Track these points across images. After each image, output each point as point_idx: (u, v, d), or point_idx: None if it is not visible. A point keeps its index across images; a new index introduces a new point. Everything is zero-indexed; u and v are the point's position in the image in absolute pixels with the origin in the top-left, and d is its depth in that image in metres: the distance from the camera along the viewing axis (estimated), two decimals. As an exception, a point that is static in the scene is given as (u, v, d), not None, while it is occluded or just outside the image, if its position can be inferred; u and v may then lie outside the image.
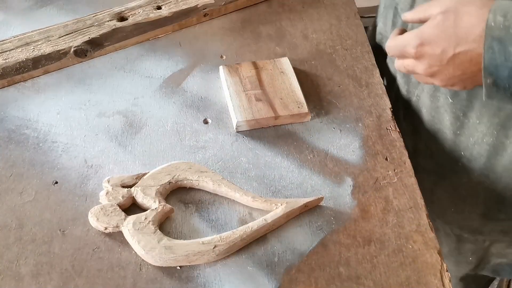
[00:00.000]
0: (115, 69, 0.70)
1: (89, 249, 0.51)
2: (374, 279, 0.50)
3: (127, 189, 0.54)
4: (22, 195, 0.55)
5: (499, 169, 0.67)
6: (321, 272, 0.51)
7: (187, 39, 0.75)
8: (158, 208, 0.53)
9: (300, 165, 0.60)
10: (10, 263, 0.49)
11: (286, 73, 0.69)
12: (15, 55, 0.66)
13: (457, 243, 0.80)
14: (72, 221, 0.53)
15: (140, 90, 0.67)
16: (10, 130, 0.61)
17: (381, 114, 0.66)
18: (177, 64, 0.71)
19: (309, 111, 0.64)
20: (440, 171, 0.73)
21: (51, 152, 0.59)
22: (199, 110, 0.65)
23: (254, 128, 0.63)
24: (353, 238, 0.53)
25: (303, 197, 0.56)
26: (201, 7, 0.76)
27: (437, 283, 0.50)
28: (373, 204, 0.57)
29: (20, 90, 0.66)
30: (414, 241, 0.54)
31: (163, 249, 0.49)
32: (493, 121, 0.63)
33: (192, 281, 0.49)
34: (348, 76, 0.71)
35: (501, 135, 0.64)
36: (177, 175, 0.56)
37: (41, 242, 0.51)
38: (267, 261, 0.51)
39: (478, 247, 0.81)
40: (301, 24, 0.79)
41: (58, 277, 0.49)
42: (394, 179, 0.59)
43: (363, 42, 0.76)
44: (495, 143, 0.65)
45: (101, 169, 0.58)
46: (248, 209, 0.55)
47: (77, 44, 0.68)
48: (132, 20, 0.72)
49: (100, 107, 0.64)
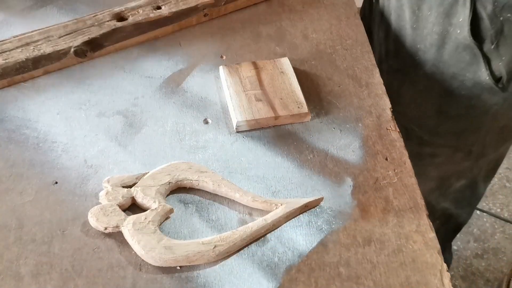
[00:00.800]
0: (115, 69, 0.70)
1: (89, 249, 0.51)
2: (374, 279, 0.50)
3: (127, 189, 0.54)
4: (22, 195, 0.55)
5: (446, 57, 0.76)
6: (321, 272, 0.51)
7: (187, 39, 0.75)
8: (158, 208, 0.53)
9: (300, 165, 0.60)
10: (10, 263, 0.49)
11: (286, 73, 0.69)
12: (15, 55, 0.66)
13: (418, 145, 0.88)
14: (72, 221, 0.53)
15: (140, 90, 0.67)
16: (10, 130, 0.61)
17: (381, 114, 0.66)
18: (177, 64, 0.71)
19: (309, 111, 0.64)
20: (404, 69, 0.83)
21: (51, 152, 0.59)
22: (199, 110, 0.65)
23: (254, 128, 0.63)
24: (353, 238, 0.53)
25: (303, 197, 0.56)
26: (201, 7, 0.76)
27: (437, 283, 0.50)
28: (373, 204, 0.57)
29: (20, 90, 0.66)
30: (414, 241, 0.54)
31: (163, 249, 0.49)
32: (439, 10, 0.73)
33: (192, 281, 0.49)
34: (348, 76, 0.71)
35: (446, 23, 0.74)
36: (177, 175, 0.56)
37: (41, 242, 0.51)
38: (267, 261, 0.51)
39: (436, 153, 0.89)
40: (301, 24, 0.79)
41: (58, 277, 0.49)
42: (394, 179, 0.59)
43: (363, 42, 0.76)
44: (441, 31, 0.75)
45: (101, 169, 0.58)
46: (248, 209, 0.55)
47: (77, 44, 0.68)
48: (132, 20, 0.72)
49: (100, 107, 0.64)
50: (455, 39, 0.74)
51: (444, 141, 0.88)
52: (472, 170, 0.94)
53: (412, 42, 0.79)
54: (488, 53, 0.74)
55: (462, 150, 0.89)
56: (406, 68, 0.82)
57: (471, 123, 0.84)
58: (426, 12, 0.75)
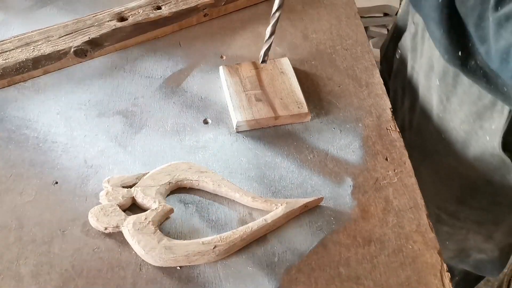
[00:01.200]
0: (115, 69, 0.70)
1: (89, 249, 0.51)
2: (374, 279, 0.50)
3: (127, 189, 0.54)
4: (22, 195, 0.55)
5: (471, 158, 0.68)
6: (321, 272, 0.51)
7: (187, 39, 0.75)
8: (158, 208, 0.52)
9: (300, 165, 0.60)
10: (10, 263, 0.49)
11: (286, 73, 0.69)
12: (15, 55, 0.66)
13: (435, 223, 0.81)
14: (72, 221, 0.53)
15: (140, 90, 0.67)
16: (10, 130, 0.61)
17: (381, 114, 0.66)
18: (177, 64, 0.71)
19: (309, 111, 0.64)
20: (425, 150, 0.75)
21: (51, 152, 0.59)
22: (199, 110, 0.65)
23: (254, 128, 0.63)
24: (353, 238, 0.53)
25: (303, 197, 0.56)
26: (201, 7, 0.76)
27: (437, 283, 0.50)
28: (373, 204, 0.57)
29: (20, 90, 0.66)
30: (414, 241, 0.54)
31: (163, 249, 0.49)
32: (472, 109, 0.64)
33: (192, 281, 0.49)
34: (348, 76, 0.71)
35: (476, 125, 0.65)
36: (177, 175, 0.56)
37: (41, 242, 0.51)
38: (267, 261, 0.51)
39: (455, 232, 0.83)
40: (301, 24, 0.79)
41: (58, 277, 0.49)
42: (394, 179, 0.59)
43: (363, 42, 0.76)
44: (470, 131, 0.66)
45: (101, 169, 0.58)
46: (248, 209, 0.55)
47: (77, 44, 0.68)
48: (132, 20, 0.72)
49: (100, 107, 0.64)
50: (483, 144, 0.66)
51: (463, 225, 0.82)
52: (493, 251, 0.87)
53: (437, 129, 0.72)
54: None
55: (483, 235, 0.83)
56: (428, 150, 0.75)
57: (494, 216, 0.78)
58: (455, 105, 0.67)
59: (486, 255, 0.88)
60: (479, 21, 0.48)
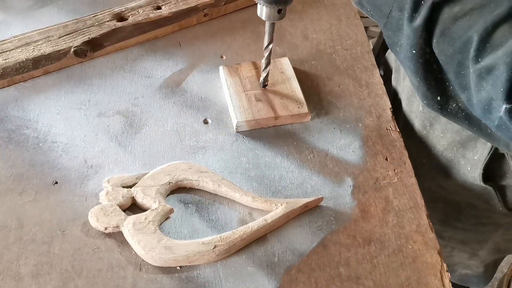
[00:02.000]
0: (115, 69, 0.70)
1: (89, 249, 0.51)
2: (374, 279, 0.50)
3: (127, 189, 0.54)
4: (22, 195, 0.55)
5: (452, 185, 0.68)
6: (321, 272, 0.51)
7: (187, 39, 0.75)
8: (158, 208, 0.52)
9: (300, 165, 0.60)
10: (10, 263, 0.49)
11: (286, 73, 0.69)
12: (15, 55, 0.66)
13: None
14: (72, 221, 0.53)
15: (140, 90, 0.67)
16: (10, 130, 0.61)
17: (381, 114, 0.66)
18: (177, 64, 0.71)
19: (309, 111, 0.64)
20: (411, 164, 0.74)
21: (51, 152, 0.59)
22: (199, 110, 0.65)
23: (254, 128, 0.63)
24: (353, 238, 0.53)
25: (303, 197, 0.56)
26: (201, 7, 0.76)
27: (437, 283, 0.50)
28: (373, 204, 0.57)
29: (20, 90, 0.66)
30: (414, 241, 0.54)
31: (163, 249, 0.49)
32: (455, 138, 0.64)
33: (192, 281, 0.49)
34: (348, 76, 0.71)
35: (459, 154, 0.65)
36: (177, 175, 0.56)
37: (41, 242, 0.51)
38: (267, 261, 0.51)
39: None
40: (301, 24, 0.79)
41: (58, 277, 0.49)
42: (394, 179, 0.59)
43: (363, 42, 0.76)
44: (452, 159, 0.66)
45: (101, 169, 0.58)
46: (248, 209, 0.55)
47: (77, 44, 0.68)
48: (132, 20, 0.72)
49: (100, 107, 0.64)
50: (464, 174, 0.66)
51: (448, 243, 0.81)
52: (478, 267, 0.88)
53: (420, 151, 0.70)
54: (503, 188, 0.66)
55: (468, 252, 0.82)
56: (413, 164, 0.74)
57: (478, 235, 0.78)
58: (439, 132, 0.66)
59: (471, 270, 0.87)
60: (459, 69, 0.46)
